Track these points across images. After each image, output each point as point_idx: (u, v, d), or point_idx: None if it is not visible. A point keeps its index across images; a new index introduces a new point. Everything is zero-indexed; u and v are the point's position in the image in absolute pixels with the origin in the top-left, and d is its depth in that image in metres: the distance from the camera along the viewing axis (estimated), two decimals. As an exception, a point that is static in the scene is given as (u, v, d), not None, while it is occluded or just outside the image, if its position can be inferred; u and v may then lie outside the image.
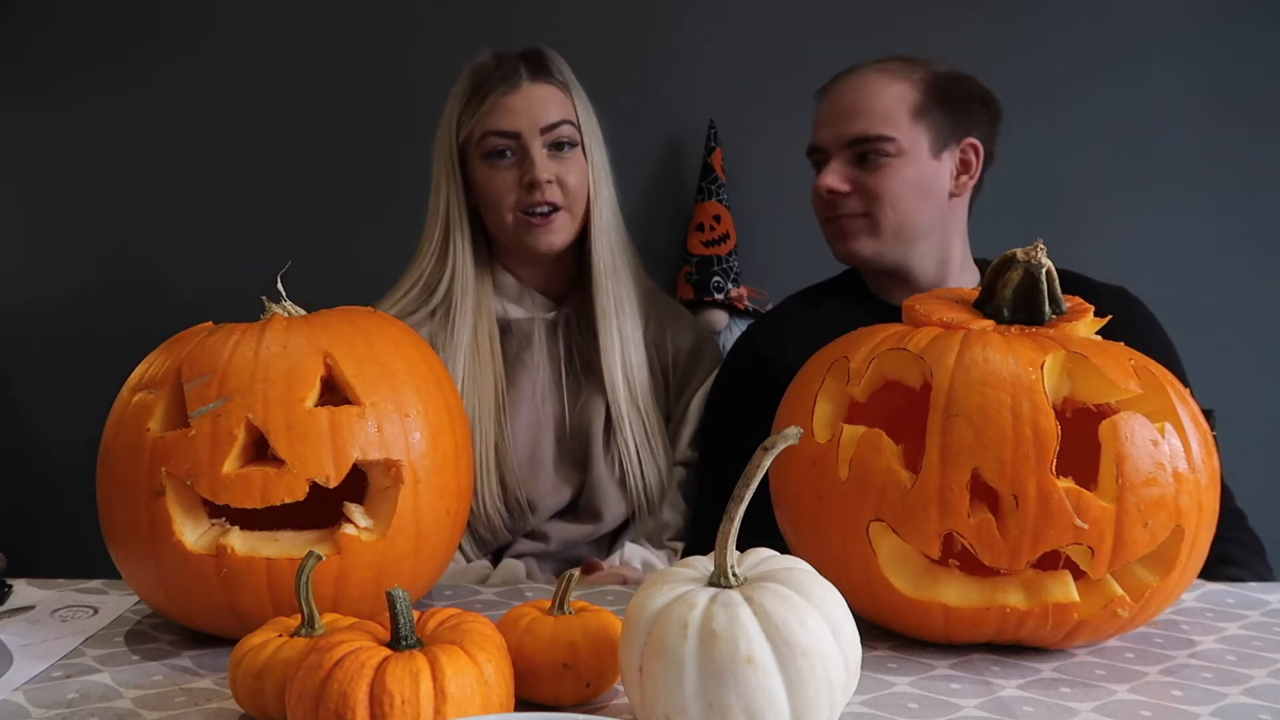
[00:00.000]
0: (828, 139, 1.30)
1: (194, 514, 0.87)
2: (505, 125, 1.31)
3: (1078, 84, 1.87)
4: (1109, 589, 0.84)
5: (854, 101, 1.28)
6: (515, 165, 1.32)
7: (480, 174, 1.34)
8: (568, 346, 1.39)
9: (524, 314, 1.39)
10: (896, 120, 1.26)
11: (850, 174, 1.28)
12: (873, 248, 1.29)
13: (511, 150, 1.32)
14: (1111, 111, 1.88)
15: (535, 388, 1.37)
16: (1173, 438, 0.84)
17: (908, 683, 0.82)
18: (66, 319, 2.03)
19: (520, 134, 1.31)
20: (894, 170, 1.26)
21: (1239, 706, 0.77)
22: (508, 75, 1.32)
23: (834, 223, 1.31)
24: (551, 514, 1.36)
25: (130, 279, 2.02)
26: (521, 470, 1.33)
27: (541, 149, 1.32)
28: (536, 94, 1.33)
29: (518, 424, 1.35)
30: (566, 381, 1.38)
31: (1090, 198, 1.89)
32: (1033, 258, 0.91)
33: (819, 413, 0.91)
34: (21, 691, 0.81)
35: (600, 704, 0.78)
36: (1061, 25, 1.88)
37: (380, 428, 0.88)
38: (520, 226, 1.33)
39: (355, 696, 0.64)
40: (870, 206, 1.27)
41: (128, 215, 2.01)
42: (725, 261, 1.87)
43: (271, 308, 0.95)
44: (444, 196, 1.36)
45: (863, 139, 1.26)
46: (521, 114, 1.31)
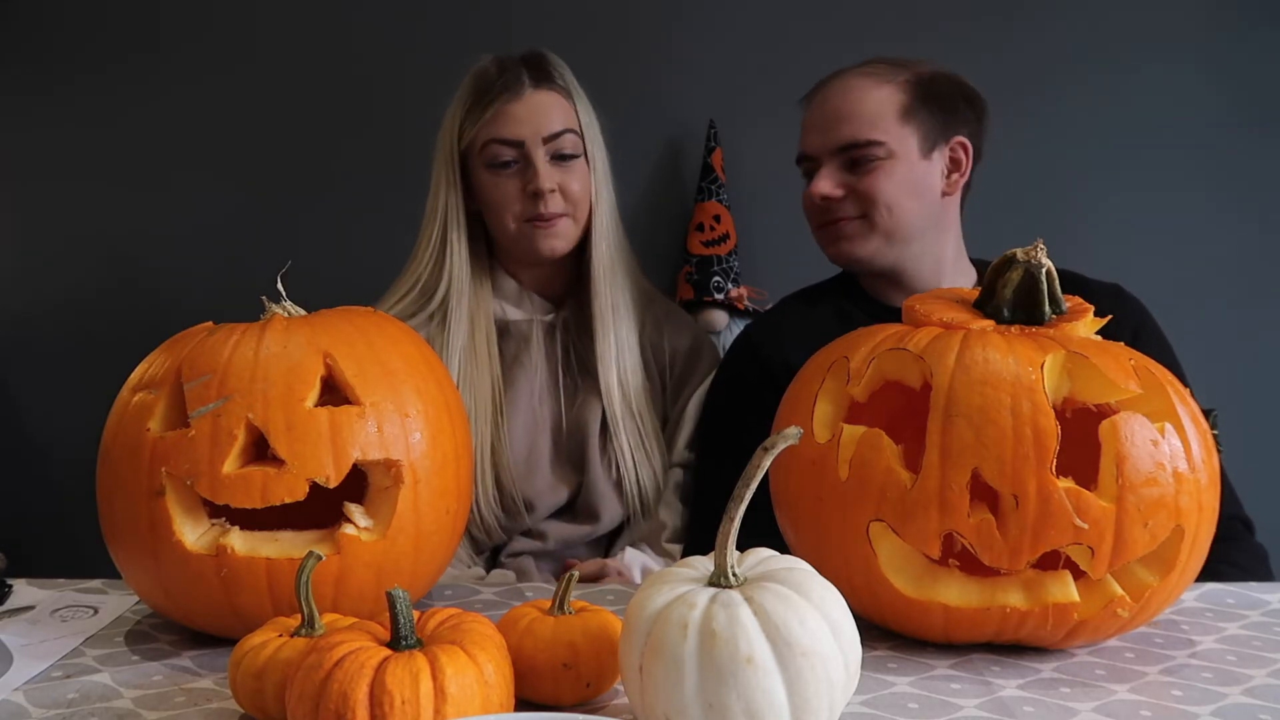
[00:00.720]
0: (817, 146, 1.30)
1: (194, 514, 0.87)
2: (508, 134, 1.32)
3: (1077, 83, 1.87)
4: (1109, 589, 0.84)
5: (840, 107, 1.28)
6: (519, 174, 1.33)
7: (483, 181, 1.34)
8: (565, 349, 1.39)
9: (523, 316, 1.40)
10: (885, 123, 1.27)
11: (842, 179, 1.29)
12: (868, 249, 1.30)
13: (515, 159, 1.32)
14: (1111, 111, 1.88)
15: (533, 388, 1.37)
16: (1173, 438, 0.84)
17: (908, 683, 0.82)
18: (66, 319, 2.03)
19: (524, 142, 1.32)
20: (886, 173, 1.27)
21: (1239, 706, 0.77)
22: (510, 82, 1.33)
23: (828, 227, 1.32)
24: (550, 513, 1.36)
25: (130, 279, 2.02)
26: (518, 469, 1.34)
27: (545, 158, 1.32)
28: (539, 101, 1.33)
29: (515, 424, 1.35)
30: (564, 383, 1.38)
31: (1089, 197, 1.89)
32: (1033, 258, 0.91)
33: (819, 413, 0.91)
34: (21, 691, 0.81)
35: (600, 704, 0.78)
36: (1059, 23, 1.88)
37: (380, 428, 0.88)
38: (524, 232, 1.33)
39: (355, 696, 0.64)
40: (865, 209, 1.28)
41: (128, 215, 2.01)
42: (725, 261, 1.87)
43: (271, 308, 0.95)
44: (442, 200, 1.36)
45: (852, 144, 1.27)
46: (525, 122, 1.32)
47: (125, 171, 2.00)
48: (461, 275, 1.36)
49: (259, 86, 1.98)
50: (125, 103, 1.99)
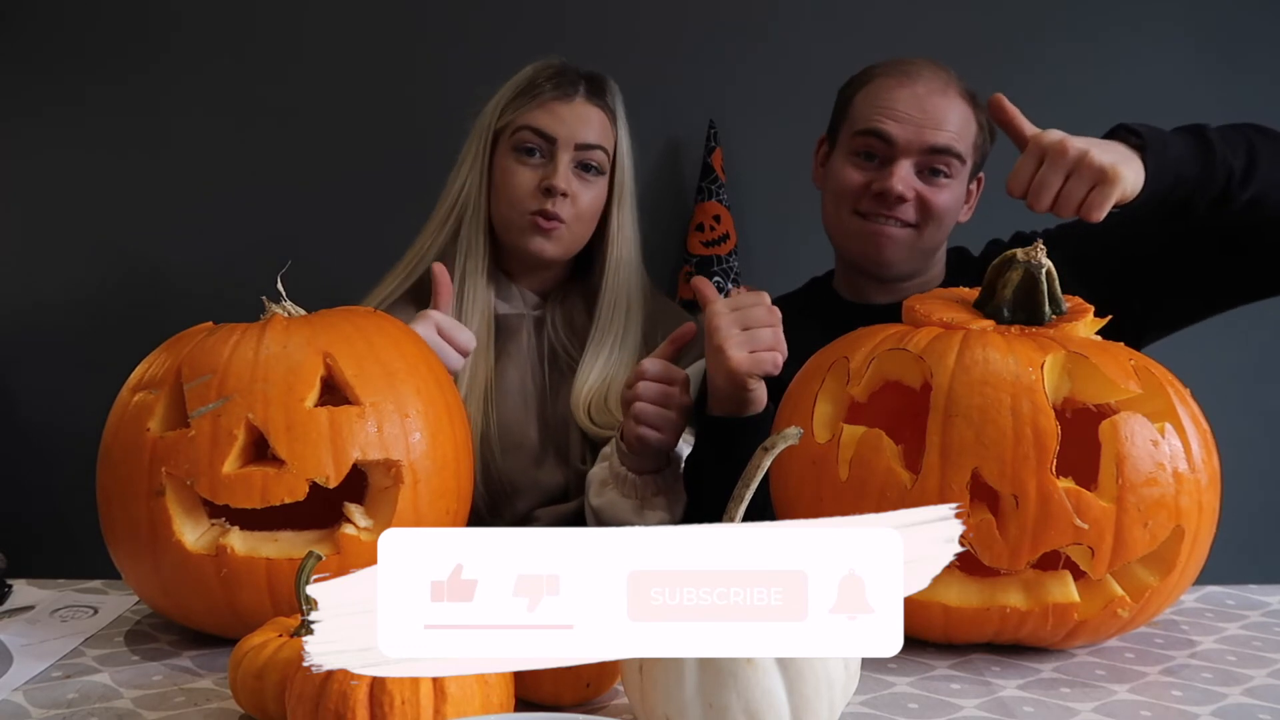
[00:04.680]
0: (907, 137, 1.24)
1: (194, 514, 0.87)
2: (545, 126, 1.33)
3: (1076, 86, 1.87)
4: (1109, 589, 0.85)
5: (940, 109, 1.24)
6: (540, 167, 1.33)
7: (504, 164, 1.35)
8: (551, 344, 1.40)
9: (512, 310, 1.40)
10: (966, 142, 1.26)
11: (912, 181, 1.25)
12: (902, 256, 1.27)
13: (541, 151, 1.33)
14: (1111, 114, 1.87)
15: (522, 379, 1.38)
16: (1173, 438, 0.84)
17: (908, 683, 0.82)
18: (66, 319, 2.03)
19: (556, 140, 1.33)
20: (949, 190, 1.26)
21: (1239, 707, 0.77)
22: (565, 84, 1.34)
23: (874, 220, 1.27)
24: (544, 500, 1.37)
25: (130, 279, 2.02)
26: (506, 457, 1.34)
27: (569, 162, 1.33)
28: (585, 111, 1.35)
29: (504, 410, 1.36)
30: (549, 378, 1.39)
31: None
32: (1033, 258, 0.92)
33: (819, 413, 0.91)
34: (21, 691, 0.81)
35: (600, 704, 0.78)
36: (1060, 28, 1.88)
37: (380, 428, 0.88)
38: (524, 225, 1.33)
39: (355, 696, 0.64)
40: (921, 218, 1.26)
41: (128, 215, 2.01)
42: (725, 261, 1.87)
43: (271, 308, 0.95)
44: (465, 172, 1.37)
45: (945, 150, 1.24)
46: (565, 123, 1.33)
47: (126, 171, 2.00)
48: (476, 251, 1.36)
49: (260, 87, 1.97)
50: (125, 102, 1.99)
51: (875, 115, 1.26)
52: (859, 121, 1.27)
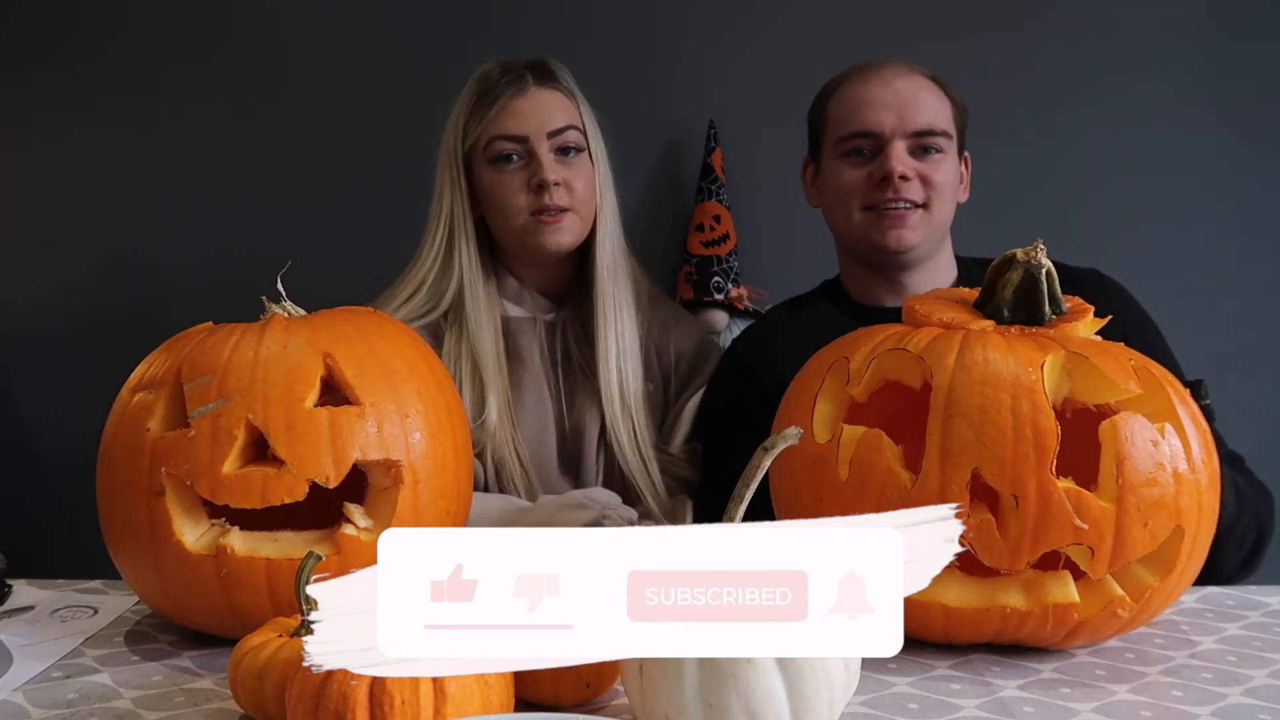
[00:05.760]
0: (890, 125, 1.27)
1: (194, 514, 0.87)
2: (513, 129, 1.32)
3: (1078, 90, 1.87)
4: (1109, 589, 0.84)
5: (914, 95, 1.29)
6: (523, 169, 1.33)
7: (487, 179, 1.34)
8: (565, 349, 1.39)
9: (524, 314, 1.40)
10: (947, 118, 1.30)
11: (909, 161, 1.28)
12: (919, 237, 1.29)
13: (519, 154, 1.33)
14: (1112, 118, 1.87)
15: (539, 388, 1.37)
16: (1173, 438, 0.84)
17: (908, 683, 0.82)
18: (66, 319, 2.03)
19: (528, 137, 1.32)
20: (945, 164, 1.29)
21: (1239, 707, 0.77)
22: (514, 81, 1.33)
23: (888, 212, 1.28)
24: None
25: (130, 279, 2.02)
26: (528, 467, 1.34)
27: (549, 152, 1.32)
28: (543, 99, 1.34)
29: (524, 420, 1.35)
30: (564, 384, 1.38)
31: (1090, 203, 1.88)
32: (1033, 258, 0.91)
33: (819, 413, 0.91)
34: (21, 692, 0.81)
35: (600, 704, 0.78)
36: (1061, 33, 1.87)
37: (380, 428, 0.88)
38: (529, 227, 1.33)
39: (355, 696, 0.64)
40: (929, 196, 1.28)
41: (128, 215, 2.01)
42: (725, 261, 1.87)
43: (271, 308, 0.95)
44: (447, 203, 1.36)
45: (929, 130, 1.28)
46: (529, 117, 1.32)
47: (126, 171, 2.00)
48: (473, 275, 1.36)
49: (260, 88, 1.97)
50: (125, 104, 1.99)
51: (854, 115, 1.30)
52: (840, 127, 1.31)
